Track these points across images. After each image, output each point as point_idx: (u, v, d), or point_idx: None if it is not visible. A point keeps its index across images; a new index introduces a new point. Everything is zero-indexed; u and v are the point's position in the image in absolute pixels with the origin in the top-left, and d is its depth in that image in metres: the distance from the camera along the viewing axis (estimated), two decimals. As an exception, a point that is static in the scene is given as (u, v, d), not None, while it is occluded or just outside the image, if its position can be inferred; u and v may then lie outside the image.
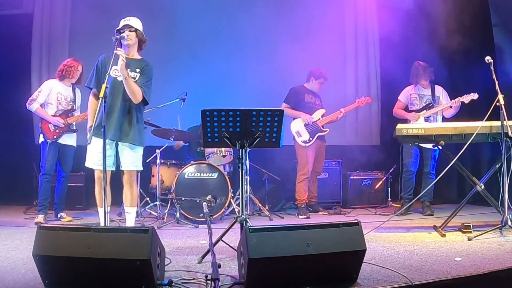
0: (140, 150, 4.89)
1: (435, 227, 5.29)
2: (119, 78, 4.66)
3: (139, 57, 4.93)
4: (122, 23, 4.77)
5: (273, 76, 8.47)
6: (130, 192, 4.86)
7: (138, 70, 4.77)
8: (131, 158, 4.79)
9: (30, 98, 6.37)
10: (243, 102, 7.42)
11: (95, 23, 8.34)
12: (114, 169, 4.79)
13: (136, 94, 4.63)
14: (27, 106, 6.35)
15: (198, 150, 7.41)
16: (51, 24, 8.82)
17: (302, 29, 8.69)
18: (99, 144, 4.34)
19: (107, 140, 4.57)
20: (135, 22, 4.82)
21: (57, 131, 6.38)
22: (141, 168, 4.98)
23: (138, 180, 6.38)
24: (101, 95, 4.08)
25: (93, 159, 4.67)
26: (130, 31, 4.75)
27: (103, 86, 4.12)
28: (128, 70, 4.65)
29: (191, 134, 7.29)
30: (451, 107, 6.55)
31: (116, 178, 5.06)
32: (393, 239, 4.87)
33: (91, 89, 4.82)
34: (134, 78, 4.70)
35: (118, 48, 4.43)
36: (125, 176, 4.85)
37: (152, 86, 4.86)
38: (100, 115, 4.30)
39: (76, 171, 7.28)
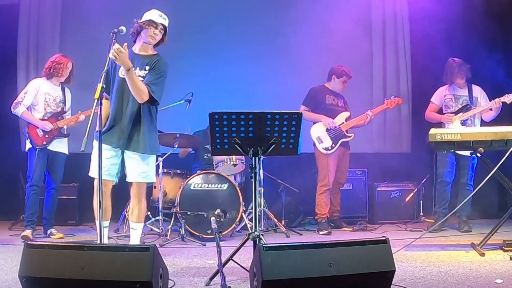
0: (152, 159, 4.85)
1: (473, 245, 5.28)
2: None
3: (154, 53, 4.88)
4: (158, 18, 4.72)
5: (290, 75, 8.49)
6: (138, 207, 4.79)
7: (147, 67, 4.69)
8: (141, 169, 4.72)
9: (15, 101, 6.39)
10: (256, 104, 7.42)
11: (89, 15, 8.37)
12: (117, 180, 4.80)
13: (140, 92, 4.49)
14: (12, 110, 6.39)
15: (205, 157, 7.41)
16: (39, 15, 8.82)
17: (322, 22, 8.64)
18: (105, 150, 4.33)
19: (111, 147, 4.59)
20: (166, 23, 4.79)
21: (47, 136, 6.39)
22: (153, 180, 4.94)
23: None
24: (96, 95, 4.04)
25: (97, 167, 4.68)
26: (160, 31, 4.72)
27: (99, 86, 4.06)
28: (137, 68, 4.63)
29: (197, 138, 7.27)
30: (491, 109, 6.52)
31: (117, 190, 5.04)
32: (425, 259, 4.87)
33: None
34: (142, 77, 4.64)
35: (113, 47, 4.28)
36: (132, 189, 4.79)
37: (164, 85, 4.78)
38: (100, 119, 4.26)
39: (68, 182, 7.28)
